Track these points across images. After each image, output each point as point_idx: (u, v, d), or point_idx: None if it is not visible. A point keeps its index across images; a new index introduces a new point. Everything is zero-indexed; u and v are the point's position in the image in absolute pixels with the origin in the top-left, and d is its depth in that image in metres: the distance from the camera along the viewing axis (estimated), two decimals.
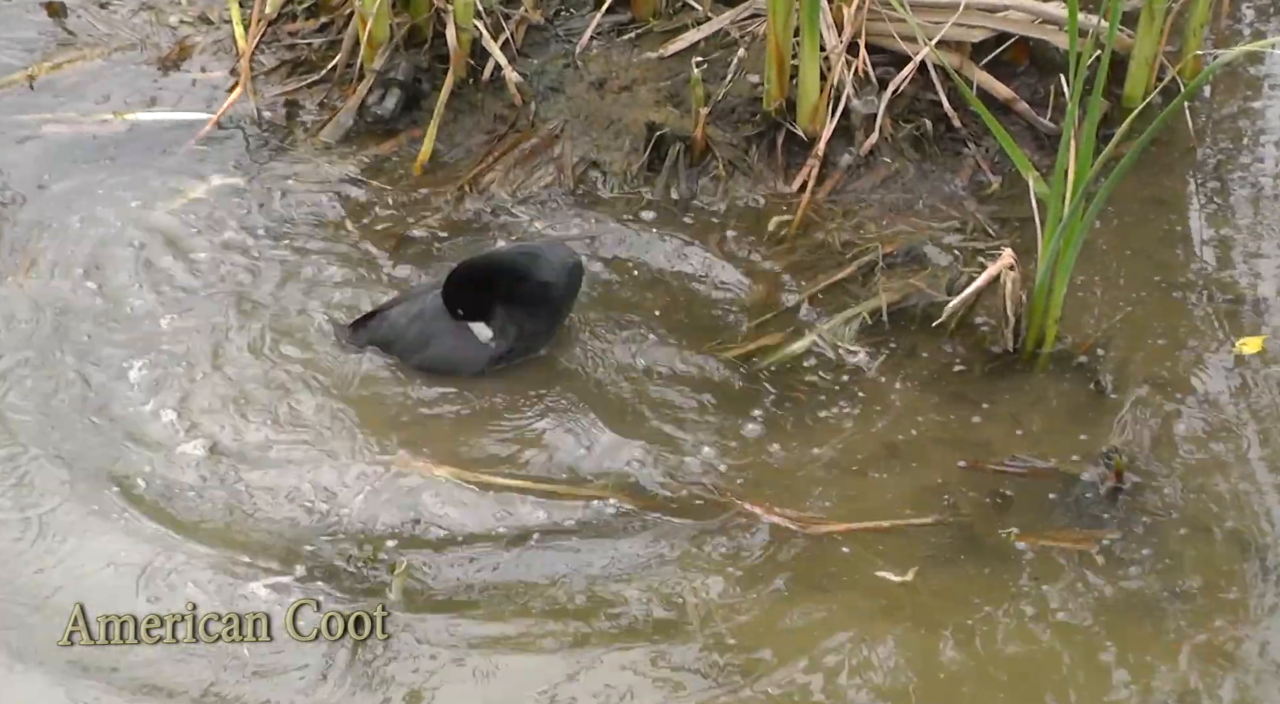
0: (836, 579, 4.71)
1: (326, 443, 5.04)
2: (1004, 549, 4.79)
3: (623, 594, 4.66)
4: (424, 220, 5.81)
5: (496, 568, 4.73)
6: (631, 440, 5.08)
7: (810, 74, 5.84)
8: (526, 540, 4.80)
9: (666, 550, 4.79)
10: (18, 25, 6.59)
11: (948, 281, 5.54)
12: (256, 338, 5.36)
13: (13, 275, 5.53)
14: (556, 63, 6.29)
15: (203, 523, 4.82)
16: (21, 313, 5.39)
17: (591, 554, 4.77)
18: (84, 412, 5.09)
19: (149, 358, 5.26)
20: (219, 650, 4.51)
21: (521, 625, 4.60)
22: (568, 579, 4.71)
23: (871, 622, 4.60)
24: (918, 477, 4.99)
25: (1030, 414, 5.18)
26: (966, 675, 4.48)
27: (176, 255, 5.63)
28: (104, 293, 5.48)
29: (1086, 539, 4.81)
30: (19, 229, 5.72)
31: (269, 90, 6.31)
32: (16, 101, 6.27)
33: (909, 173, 5.98)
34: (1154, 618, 4.61)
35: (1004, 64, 6.15)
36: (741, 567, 4.74)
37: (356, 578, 4.68)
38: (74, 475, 4.90)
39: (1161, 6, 5.94)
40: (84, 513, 4.81)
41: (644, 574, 4.72)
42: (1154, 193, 5.96)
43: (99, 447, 4.99)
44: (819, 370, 5.32)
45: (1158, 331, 5.46)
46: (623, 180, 5.96)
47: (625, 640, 4.56)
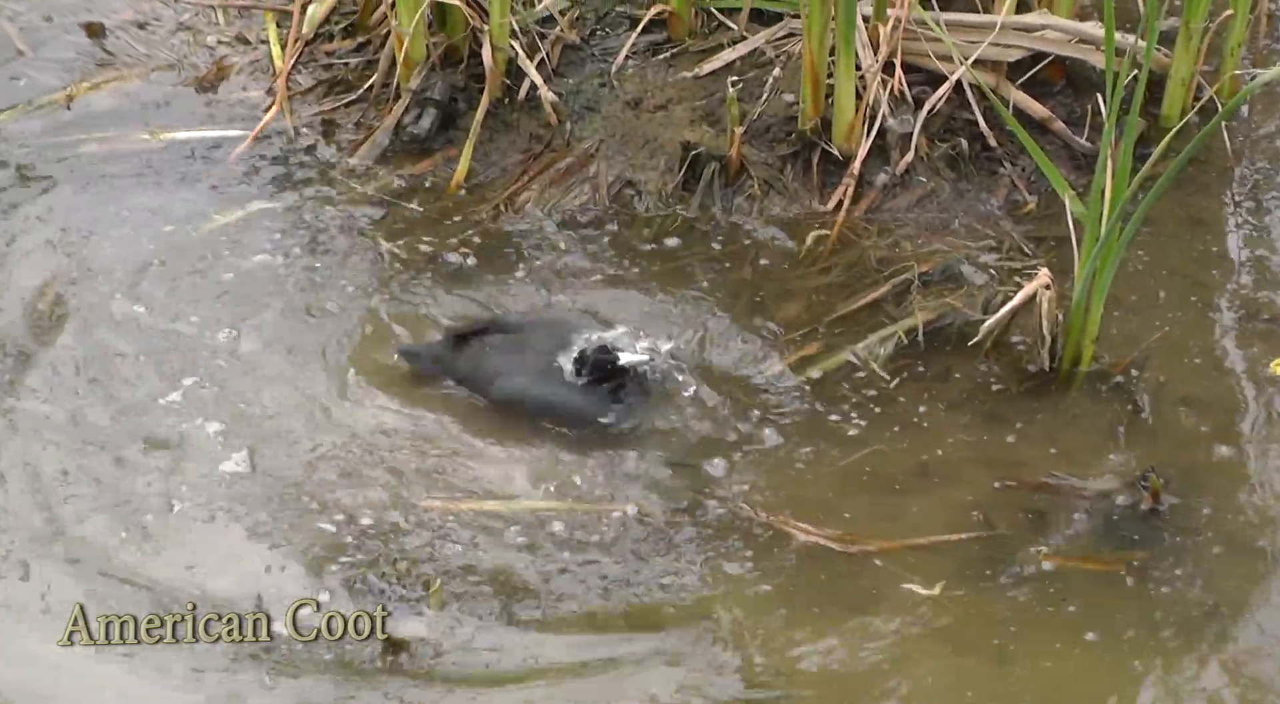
0: (868, 595, 4.70)
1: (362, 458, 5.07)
2: (1035, 568, 4.78)
3: (655, 612, 4.67)
4: (460, 240, 5.82)
5: (525, 585, 4.74)
6: (661, 456, 5.08)
7: (846, 93, 5.84)
8: (555, 558, 4.80)
9: (698, 568, 4.79)
10: (57, 45, 6.62)
11: (983, 301, 5.52)
12: (289, 357, 5.38)
13: (48, 291, 5.56)
14: (592, 82, 6.30)
15: (244, 535, 4.85)
16: (59, 329, 5.43)
17: (622, 571, 4.77)
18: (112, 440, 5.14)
19: (190, 378, 5.29)
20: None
21: (550, 643, 4.61)
22: (598, 597, 4.71)
23: (903, 640, 4.59)
24: (952, 495, 4.98)
25: (1066, 434, 5.16)
26: (995, 694, 4.47)
27: (210, 276, 5.65)
28: (144, 313, 5.51)
29: (1116, 561, 4.79)
30: (57, 246, 5.75)
31: (305, 110, 6.33)
32: (55, 121, 6.30)
33: (944, 192, 5.97)
34: (1185, 637, 4.60)
35: (1040, 83, 6.13)
36: (772, 583, 4.74)
37: (391, 595, 4.70)
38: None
39: (1199, 26, 5.93)
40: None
41: (676, 592, 4.72)
42: (1191, 212, 5.94)
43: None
44: (854, 389, 5.31)
45: (1194, 352, 5.44)
46: (658, 199, 5.96)
47: (655, 659, 4.57)
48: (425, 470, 5.06)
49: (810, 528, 4.89)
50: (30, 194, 5.98)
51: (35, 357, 5.35)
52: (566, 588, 4.75)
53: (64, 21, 6.73)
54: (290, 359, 5.38)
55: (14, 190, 5.99)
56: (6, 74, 6.49)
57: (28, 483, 4.97)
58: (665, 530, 4.89)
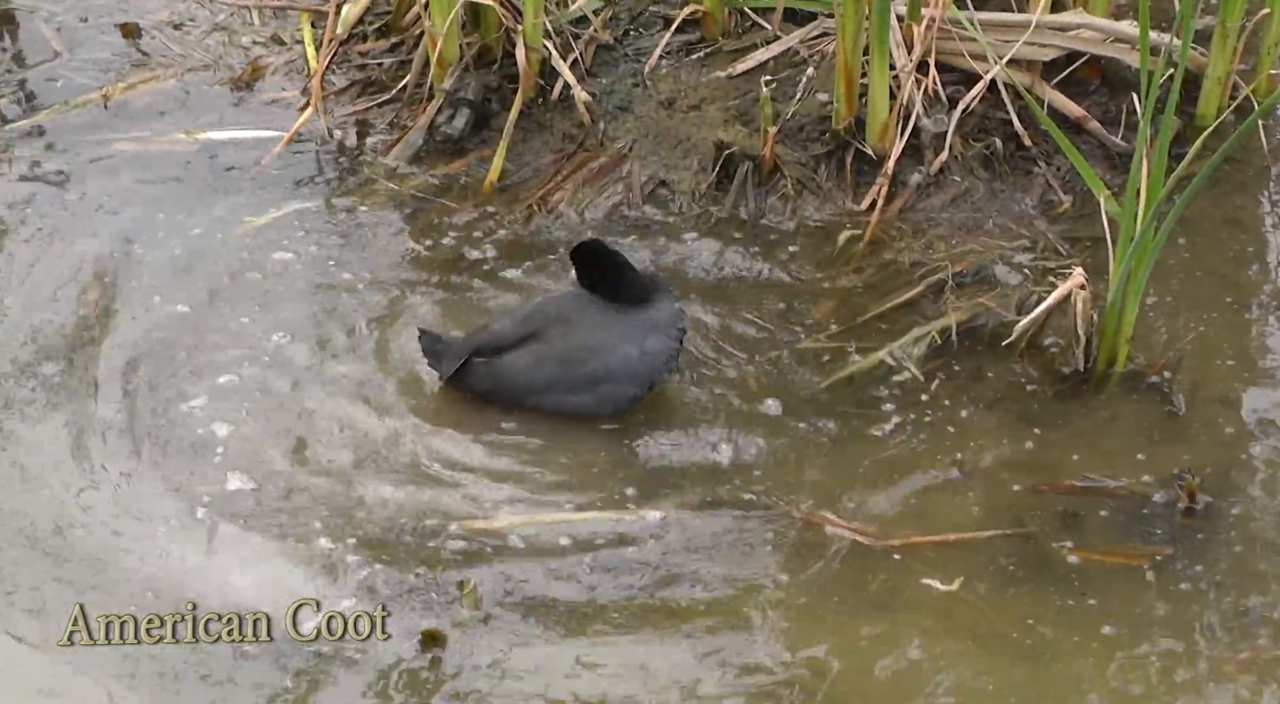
0: (894, 592, 4.71)
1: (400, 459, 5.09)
2: (1067, 567, 4.77)
3: (687, 606, 4.67)
4: (493, 239, 5.83)
5: (560, 581, 4.75)
6: (695, 452, 5.08)
7: (880, 92, 5.83)
8: (589, 553, 4.82)
9: (731, 560, 4.79)
10: (93, 46, 6.66)
11: (1018, 301, 5.51)
12: (324, 355, 5.40)
13: (85, 293, 5.59)
14: (625, 82, 6.30)
15: (287, 530, 4.88)
16: (101, 328, 5.46)
17: (653, 565, 4.78)
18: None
19: (226, 376, 5.31)
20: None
21: (585, 637, 4.61)
22: (630, 592, 4.72)
23: (934, 636, 4.59)
24: (986, 495, 4.97)
25: (1101, 434, 5.14)
26: (1024, 687, 4.47)
27: (242, 277, 5.67)
28: (183, 313, 5.53)
29: (1139, 555, 4.79)
30: (93, 246, 5.78)
31: (340, 110, 6.35)
32: (91, 121, 6.33)
33: (979, 191, 5.95)
34: (1215, 634, 4.60)
35: (1075, 82, 6.11)
36: (805, 577, 4.74)
37: (426, 594, 4.71)
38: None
39: (1235, 24, 5.90)
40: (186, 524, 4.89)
41: (710, 585, 4.73)
42: (1227, 212, 5.91)
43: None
44: (887, 388, 5.30)
45: (1230, 352, 5.42)
46: (691, 199, 5.96)
47: (689, 649, 4.59)
48: (465, 467, 5.08)
49: (840, 521, 4.89)
50: (66, 194, 6.00)
51: (80, 355, 5.38)
52: (601, 585, 4.76)
53: (100, 22, 6.76)
54: (322, 356, 5.39)
55: (51, 190, 6.01)
56: (43, 75, 6.53)
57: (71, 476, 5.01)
58: (695, 526, 4.89)
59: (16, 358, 5.35)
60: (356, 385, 5.31)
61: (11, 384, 5.26)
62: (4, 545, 4.80)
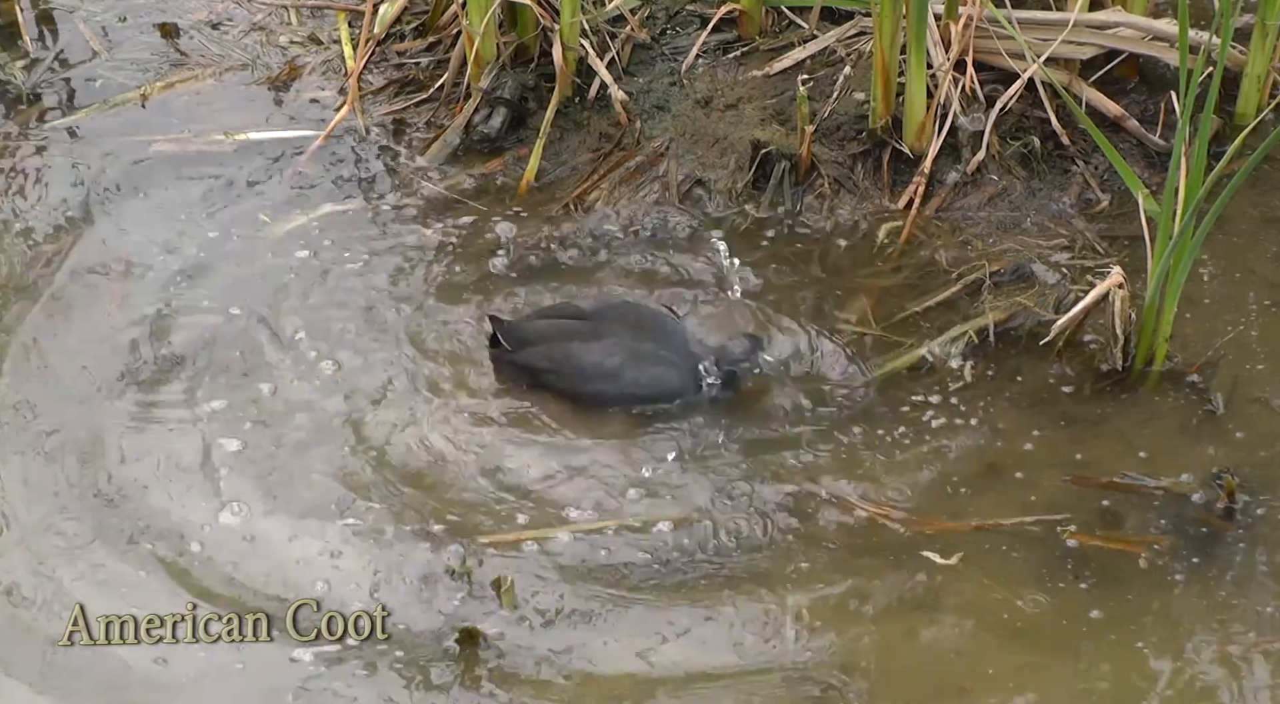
0: (929, 587, 4.72)
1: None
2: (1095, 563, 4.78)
3: (723, 599, 4.70)
4: (531, 238, 5.84)
5: (598, 577, 4.77)
6: (733, 451, 5.11)
7: (917, 91, 5.82)
8: (627, 547, 4.83)
9: (768, 552, 4.82)
10: (131, 46, 6.69)
11: (1055, 300, 5.49)
12: (357, 355, 5.42)
13: (115, 287, 5.62)
14: (662, 81, 6.31)
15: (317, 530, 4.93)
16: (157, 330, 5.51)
17: (688, 555, 4.81)
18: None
19: (265, 383, 5.34)
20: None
21: (624, 633, 4.63)
22: (665, 586, 4.74)
23: (980, 635, 4.62)
24: (1023, 492, 4.97)
25: (1139, 433, 5.13)
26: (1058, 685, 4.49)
27: (278, 277, 5.69)
28: (220, 313, 5.56)
29: (1139, 543, 4.79)
30: (129, 244, 5.82)
31: (377, 109, 6.37)
32: (129, 120, 6.36)
33: (1016, 190, 5.94)
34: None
35: (1113, 81, 6.10)
36: (841, 571, 4.77)
37: (462, 592, 4.73)
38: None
39: (1274, 23, 5.87)
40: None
41: (745, 578, 4.75)
42: (1266, 211, 5.89)
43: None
44: (925, 386, 5.30)
45: (1268, 352, 5.40)
46: (728, 198, 5.96)
47: (725, 643, 4.62)
48: (507, 468, 5.10)
49: (877, 510, 4.91)
50: (105, 194, 6.03)
51: (139, 355, 5.42)
52: (639, 577, 4.79)
53: (139, 22, 6.79)
54: (355, 356, 5.41)
55: (90, 190, 6.04)
56: (83, 74, 6.56)
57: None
58: (738, 522, 4.91)
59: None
60: (381, 387, 5.32)
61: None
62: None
